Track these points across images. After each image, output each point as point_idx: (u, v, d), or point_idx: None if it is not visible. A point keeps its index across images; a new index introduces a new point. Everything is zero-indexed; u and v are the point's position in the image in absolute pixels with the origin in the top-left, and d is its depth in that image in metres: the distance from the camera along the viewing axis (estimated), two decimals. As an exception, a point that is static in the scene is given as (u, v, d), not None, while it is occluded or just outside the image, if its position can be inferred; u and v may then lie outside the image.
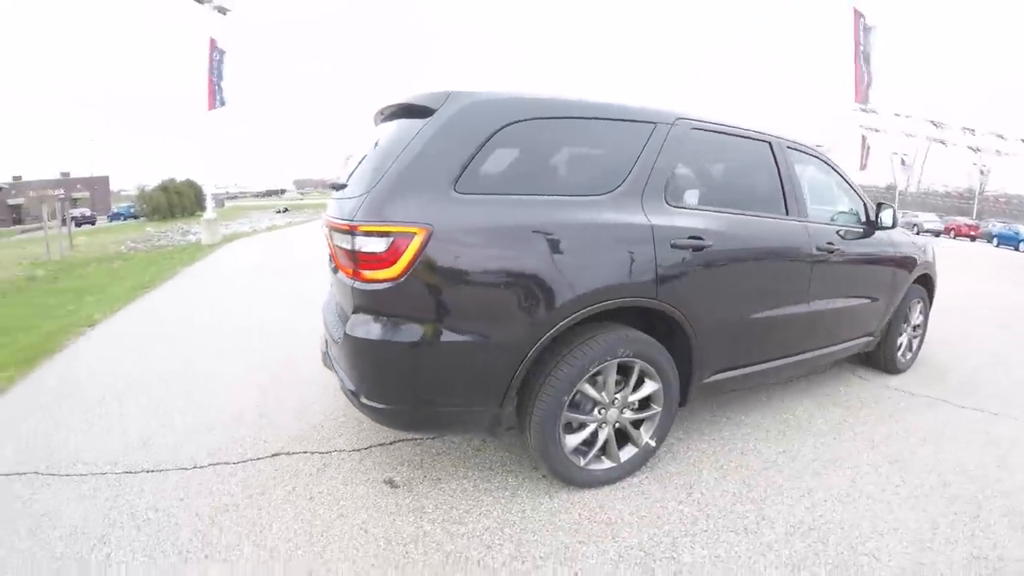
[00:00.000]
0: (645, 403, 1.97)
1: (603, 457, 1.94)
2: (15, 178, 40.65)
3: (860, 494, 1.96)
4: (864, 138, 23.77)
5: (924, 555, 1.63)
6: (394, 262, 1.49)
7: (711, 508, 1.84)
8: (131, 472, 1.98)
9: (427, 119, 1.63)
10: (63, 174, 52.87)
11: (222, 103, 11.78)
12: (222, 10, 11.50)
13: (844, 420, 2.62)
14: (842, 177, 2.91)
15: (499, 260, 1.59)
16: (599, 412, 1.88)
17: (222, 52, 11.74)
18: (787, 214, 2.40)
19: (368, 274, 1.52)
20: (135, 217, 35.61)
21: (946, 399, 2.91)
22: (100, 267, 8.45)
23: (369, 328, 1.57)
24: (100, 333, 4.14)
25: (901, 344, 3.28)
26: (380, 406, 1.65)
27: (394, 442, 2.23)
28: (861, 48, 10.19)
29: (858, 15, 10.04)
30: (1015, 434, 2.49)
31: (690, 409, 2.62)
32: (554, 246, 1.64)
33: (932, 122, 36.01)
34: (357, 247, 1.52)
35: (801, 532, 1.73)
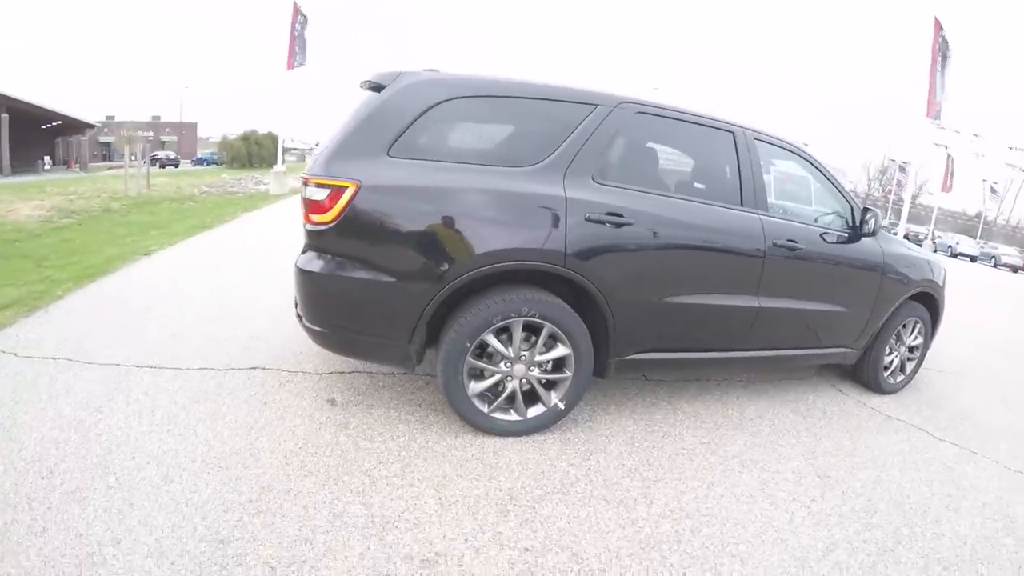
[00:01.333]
0: (559, 366, 1.96)
1: (511, 410, 1.96)
2: (108, 117, 43.38)
3: (764, 498, 1.82)
4: (949, 158, 21.10)
5: (798, 572, 1.49)
6: (330, 209, 1.74)
7: (598, 476, 1.81)
8: (139, 367, 2.31)
9: (379, 93, 1.85)
10: (154, 117, 52.94)
11: (301, 63, 12.72)
12: None
13: (793, 427, 2.42)
14: (827, 177, 2.66)
15: (414, 215, 1.76)
16: (505, 365, 1.90)
17: (305, 17, 12.61)
18: (741, 205, 2.25)
19: (314, 218, 1.77)
20: (216, 164, 35.21)
21: (923, 428, 2.63)
22: (171, 206, 9.25)
23: (311, 262, 1.82)
24: (153, 261, 4.77)
25: (891, 364, 2.97)
26: (316, 328, 1.88)
27: (352, 372, 2.42)
28: (938, 60, 9.11)
29: (938, 26, 8.92)
30: (983, 478, 2.19)
31: (630, 391, 2.56)
32: (466, 208, 1.78)
33: (1011, 148, 30.98)
34: (308, 195, 1.79)
35: (675, 517, 1.65)
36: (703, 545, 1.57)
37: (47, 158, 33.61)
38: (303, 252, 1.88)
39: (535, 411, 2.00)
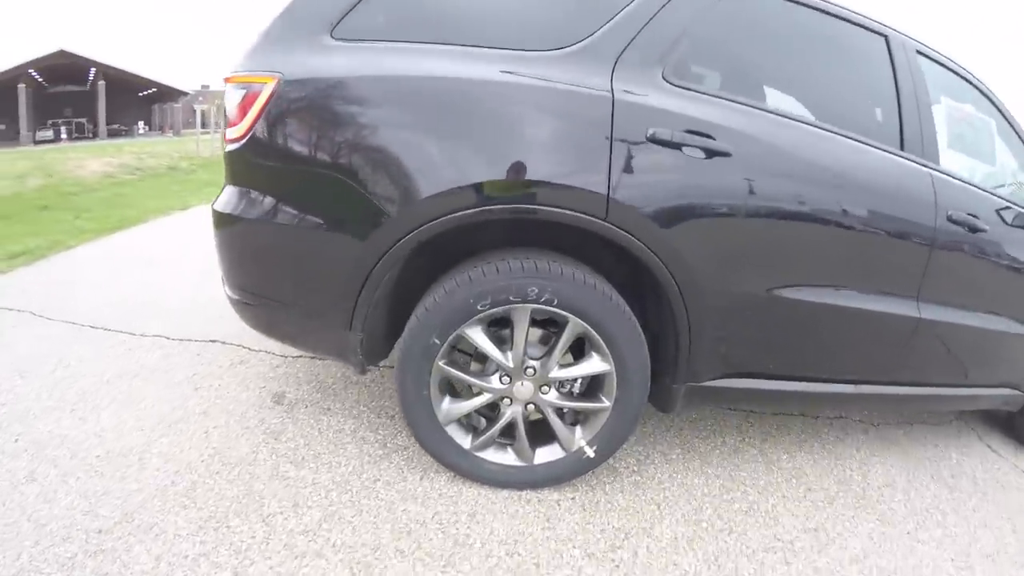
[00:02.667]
0: (593, 389, 1.27)
1: (508, 448, 1.28)
2: (203, 86, 45.95)
3: None
4: None
5: None
6: (244, 116, 1.15)
7: None
8: (93, 327, 2.07)
9: None
10: None
11: None
12: None
13: (936, 504, 1.64)
14: (1012, 125, 1.81)
15: (356, 122, 1.10)
16: (501, 379, 1.20)
17: None
18: (902, 149, 1.44)
19: (230, 134, 1.19)
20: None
21: None
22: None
23: (224, 199, 1.24)
24: (187, 214, 4.86)
25: None
26: (232, 296, 1.30)
27: (324, 359, 1.90)
28: None
29: None
30: None
31: (702, 421, 1.80)
32: (440, 113, 1.08)
33: None
34: (227, 102, 1.20)
35: None
36: None
37: (142, 123, 37.75)
38: (223, 187, 1.29)
39: (548, 454, 1.29)
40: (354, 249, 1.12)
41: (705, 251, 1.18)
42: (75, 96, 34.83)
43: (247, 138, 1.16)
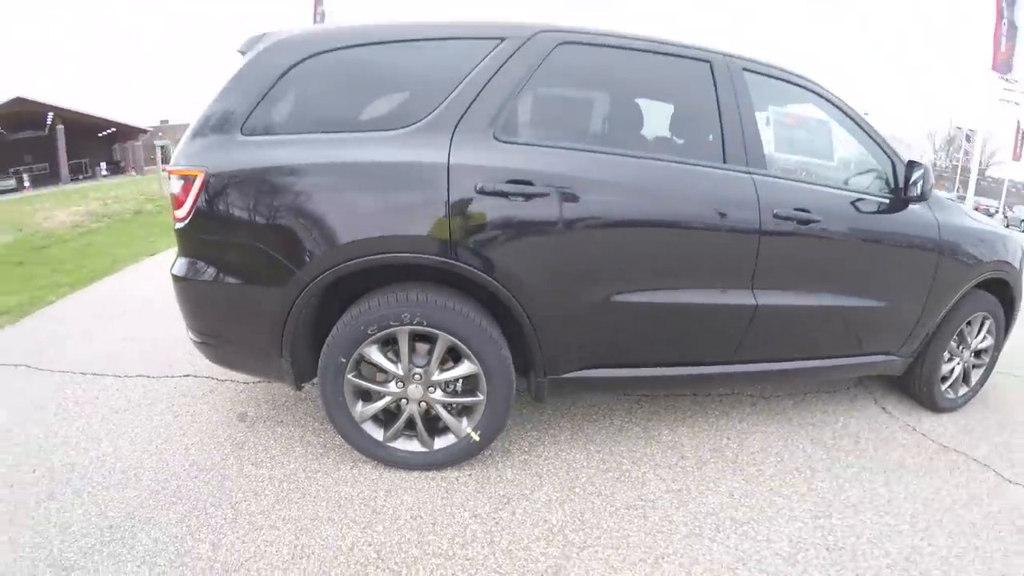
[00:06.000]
0: (471, 387, 1.74)
1: (414, 438, 1.77)
2: (162, 121, 47.09)
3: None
4: (1019, 122, 18.81)
5: None
6: (183, 202, 1.61)
7: (504, 536, 1.55)
8: (84, 373, 2.51)
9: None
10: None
11: None
12: None
13: (808, 465, 2.00)
14: (856, 123, 2.12)
15: (266, 203, 1.57)
16: (396, 385, 1.70)
17: (323, 13, 13.12)
18: (724, 161, 1.82)
19: (176, 214, 1.65)
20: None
21: (990, 464, 2.12)
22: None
23: (178, 266, 1.72)
24: (156, 260, 5.26)
25: (951, 373, 2.46)
26: (193, 338, 1.81)
27: (273, 382, 2.36)
28: (1003, 6, 7.64)
29: None
30: None
31: (598, 408, 2.27)
32: (323, 189, 1.55)
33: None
34: (171, 190, 1.67)
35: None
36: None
37: (103, 164, 38.36)
38: (176, 256, 1.78)
39: (444, 442, 1.79)
40: (275, 298, 1.62)
41: (539, 274, 1.65)
42: (34, 142, 35.44)
43: (188, 219, 1.64)
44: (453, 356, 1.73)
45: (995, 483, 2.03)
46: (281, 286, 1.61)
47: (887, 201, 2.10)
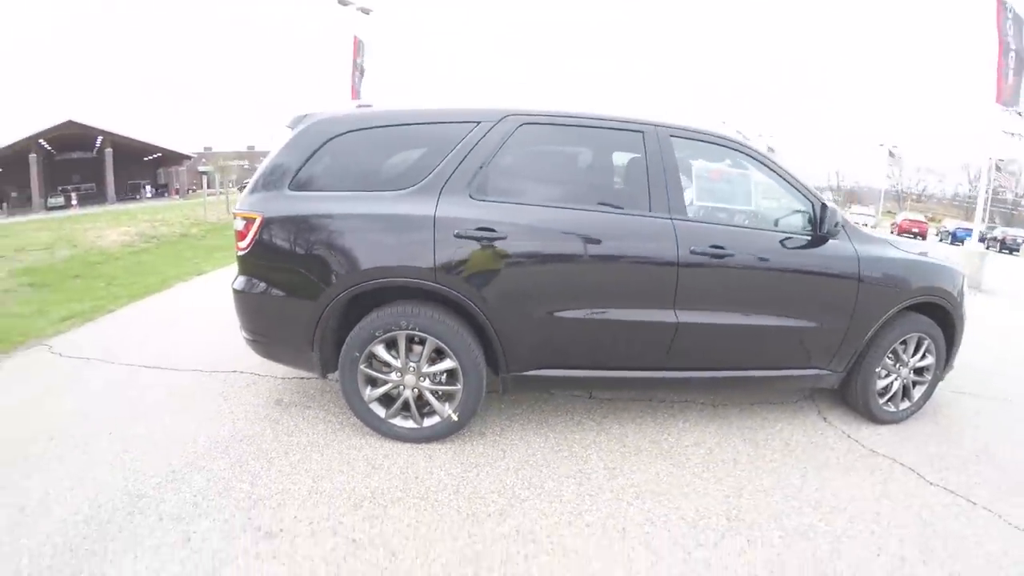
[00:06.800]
0: (452, 379, 2.28)
1: (409, 417, 2.33)
2: (206, 148, 51.55)
3: (637, 537, 1.85)
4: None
5: None
6: (245, 237, 2.28)
7: (467, 488, 2.05)
8: (146, 367, 3.15)
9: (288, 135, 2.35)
10: (248, 147, 58.96)
11: (359, 94, 14.59)
12: (365, 11, 14.30)
13: (733, 458, 2.38)
14: (776, 172, 2.59)
15: (305, 240, 2.23)
16: (396, 375, 2.28)
17: (361, 66, 14.44)
18: (650, 210, 2.36)
19: (239, 245, 2.32)
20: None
21: (916, 468, 2.40)
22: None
23: (238, 282, 2.37)
24: (203, 279, 6.05)
25: (890, 388, 2.80)
26: (247, 337, 2.44)
27: (309, 378, 2.98)
28: (1007, 40, 7.85)
29: (1002, 5, 7.74)
30: (972, 542, 1.92)
31: (563, 407, 2.77)
32: (346, 232, 2.21)
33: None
34: (235, 226, 2.34)
35: (518, 539, 1.83)
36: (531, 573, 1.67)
37: (149, 186, 40.97)
38: (236, 275, 2.44)
39: (431, 421, 2.36)
40: (309, 308, 2.26)
41: (499, 294, 2.25)
42: (83, 163, 38.20)
43: (249, 249, 2.30)
44: (438, 354, 2.31)
45: (915, 484, 2.30)
46: (314, 300, 2.25)
47: (808, 237, 2.56)
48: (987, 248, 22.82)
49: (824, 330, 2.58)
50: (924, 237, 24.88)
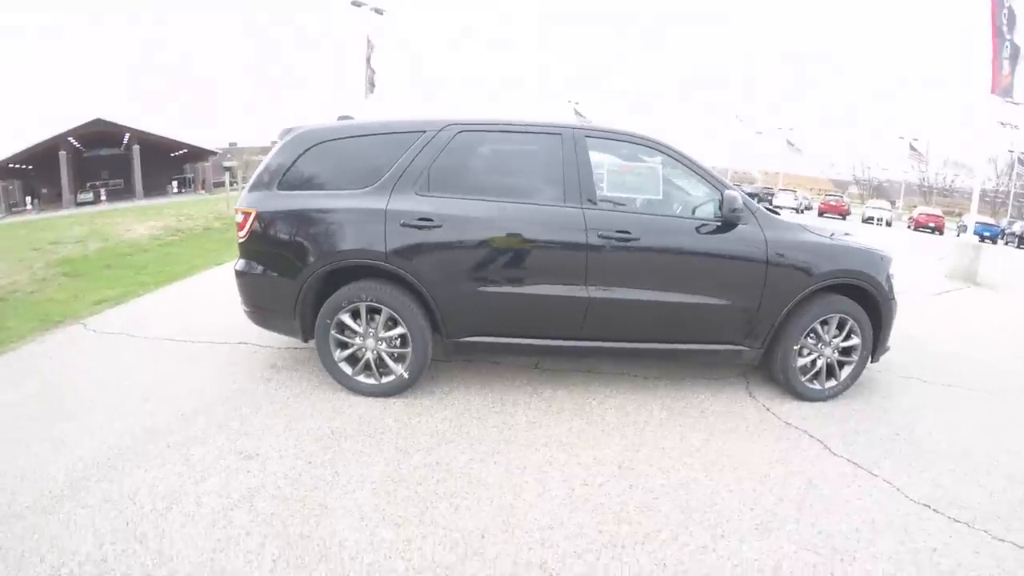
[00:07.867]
0: (404, 343, 2.82)
1: (370, 375, 2.90)
2: (231, 144, 51.01)
3: (533, 475, 2.31)
4: None
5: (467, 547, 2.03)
6: (243, 228, 2.91)
7: (404, 430, 2.57)
8: (166, 339, 3.79)
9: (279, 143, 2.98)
10: (272, 143, 72.31)
11: (372, 91, 15.36)
12: (378, 11, 15.04)
13: (647, 420, 2.75)
14: (685, 164, 2.99)
15: (288, 230, 2.85)
16: (360, 340, 2.86)
17: (373, 71, 15.15)
18: (564, 201, 2.84)
19: (239, 234, 2.95)
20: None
21: (825, 441, 2.58)
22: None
23: (238, 264, 3.00)
24: (219, 269, 6.59)
25: (814, 366, 3.05)
26: (245, 309, 3.06)
27: (302, 348, 3.52)
28: (1001, 28, 7.75)
29: None
30: (857, 505, 2.09)
31: (513, 377, 3.25)
32: (319, 222, 2.81)
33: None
34: (236, 219, 2.96)
35: (428, 468, 2.38)
36: (419, 497, 2.11)
37: (175, 183, 42.73)
38: (237, 258, 3.08)
39: (388, 378, 2.93)
40: (292, 283, 2.86)
41: (436, 272, 2.81)
42: (111, 160, 40.02)
43: (246, 238, 2.93)
44: (393, 322, 2.88)
45: (817, 453, 2.47)
46: (295, 278, 2.86)
47: (718, 223, 2.88)
48: (1005, 243, 22.40)
49: (735, 308, 2.90)
50: (941, 231, 24.39)
